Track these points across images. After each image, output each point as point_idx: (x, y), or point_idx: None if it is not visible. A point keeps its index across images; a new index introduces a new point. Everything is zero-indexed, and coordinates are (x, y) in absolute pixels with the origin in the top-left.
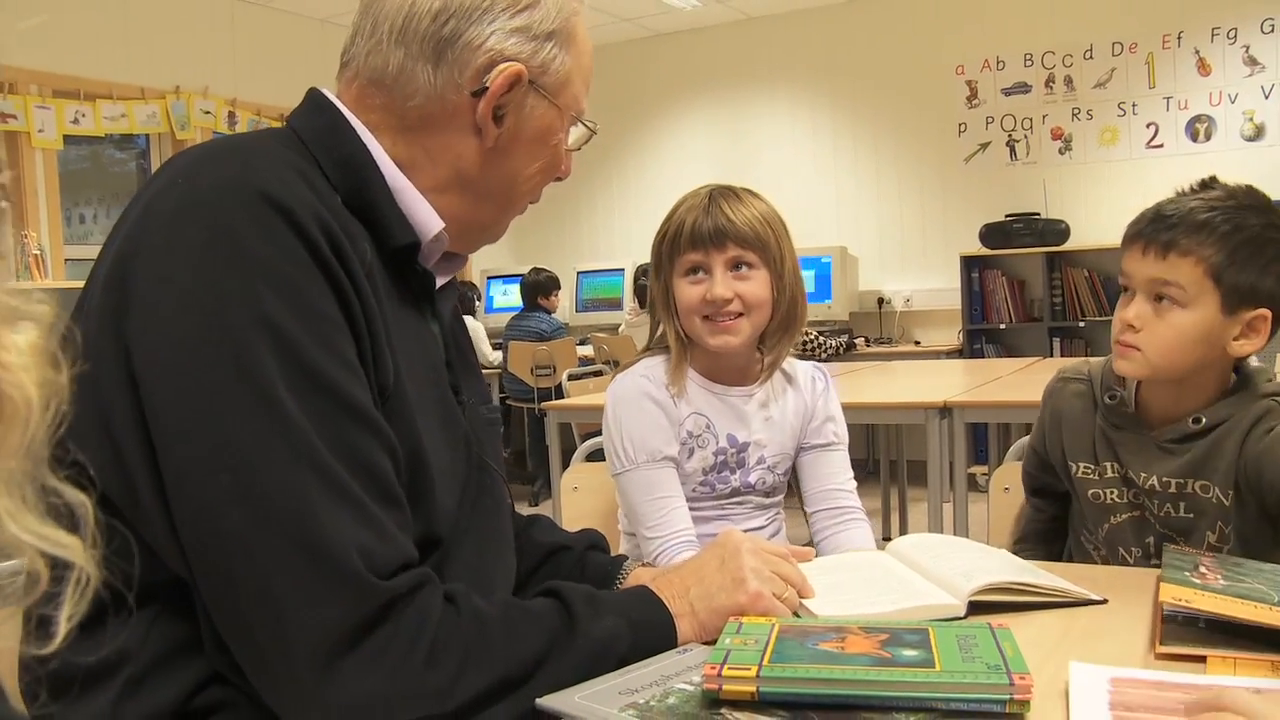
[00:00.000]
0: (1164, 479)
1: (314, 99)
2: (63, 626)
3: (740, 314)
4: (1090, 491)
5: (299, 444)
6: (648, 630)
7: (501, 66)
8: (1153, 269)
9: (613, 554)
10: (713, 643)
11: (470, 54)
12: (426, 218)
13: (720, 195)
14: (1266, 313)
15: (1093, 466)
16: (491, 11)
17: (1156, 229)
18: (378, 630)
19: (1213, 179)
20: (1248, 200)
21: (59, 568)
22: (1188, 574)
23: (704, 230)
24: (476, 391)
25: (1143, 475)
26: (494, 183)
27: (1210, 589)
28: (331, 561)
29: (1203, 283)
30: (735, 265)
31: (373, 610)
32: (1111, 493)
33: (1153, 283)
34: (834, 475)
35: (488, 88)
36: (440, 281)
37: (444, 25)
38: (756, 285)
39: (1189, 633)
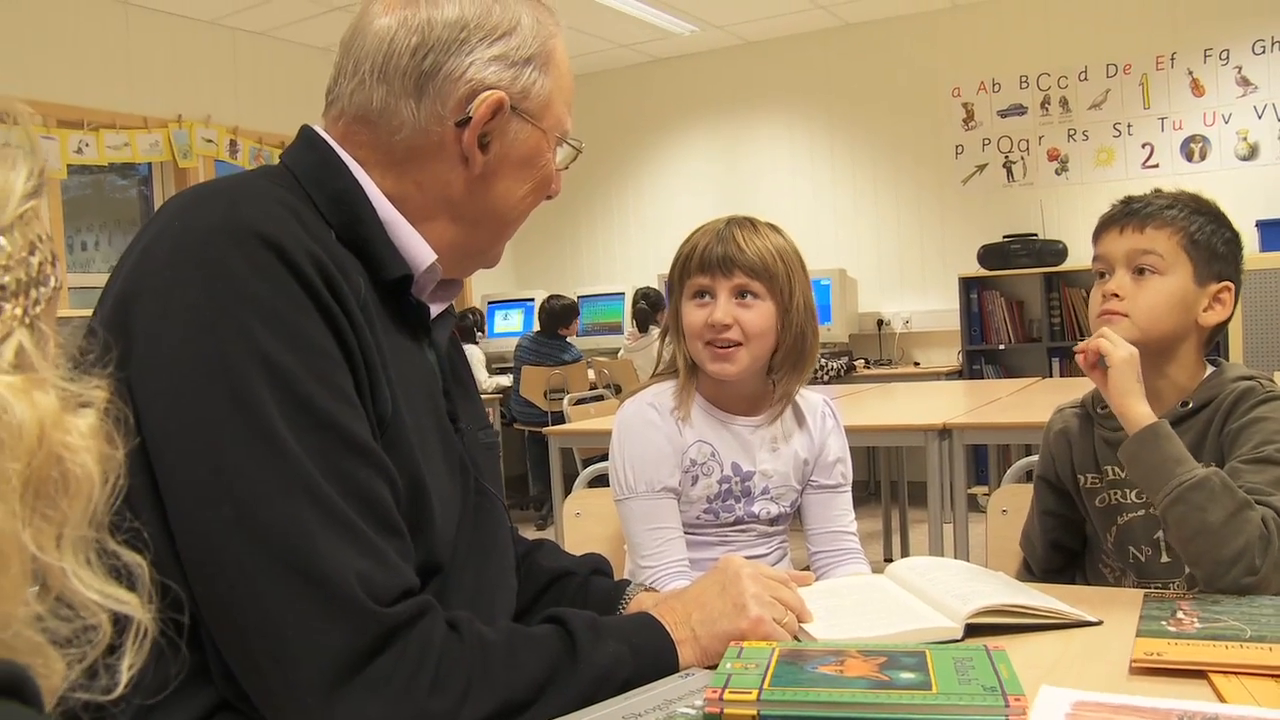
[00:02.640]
0: None
1: (306, 136)
2: (124, 674)
3: (739, 343)
4: (1098, 498)
5: (297, 476)
6: (650, 656)
7: (483, 95)
8: (1131, 242)
9: (617, 578)
10: (714, 667)
11: (451, 85)
12: (418, 249)
13: (736, 224)
14: (1230, 284)
15: (1097, 475)
16: (469, 43)
17: (1131, 211)
18: (380, 657)
19: (1159, 190)
20: (1194, 203)
21: (119, 622)
22: (1164, 623)
23: (713, 255)
24: (474, 417)
25: None
26: (484, 209)
27: (1185, 635)
28: (332, 590)
29: (1178, 252)
30: (740, 293)
31: (374, 637)
32: (1116, 493)
33: (1132, 254)
34: (839, 517)
35: (471, 117)
36: (437, 309)
37: (423, 60)
38: (758, 315)
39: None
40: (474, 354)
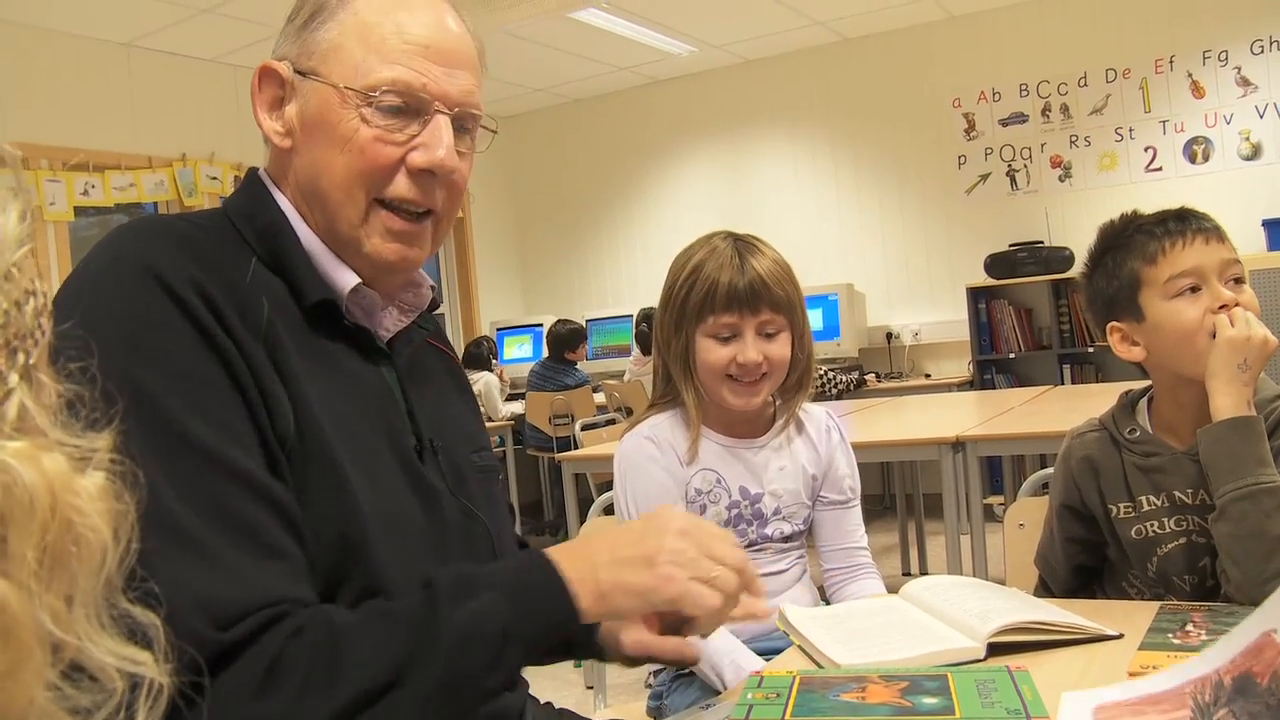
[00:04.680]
0: None
1: (247, 177)
2: None
3: (765, 374)
4: (1133, 529)
5: (149, 501)
6: (532, 596)
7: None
8: (1221, 253)
9: None
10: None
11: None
12: (341, 275)
13: (745, 250)
14: None
15: (1130, 504)
16: (282, 32)
17: (1201, 221)
18: (217, 679)
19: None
20: None
21: (134, 683)
22: (1170, 635)
23: (739, 292)
24: (463, 438)
25: (1189, 492)
26: (306, 184)
27: (1188, 648)
28: (169, 617)
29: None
30: (764, 328)
31: (208, 661)
32: (1153, 525)
33: (1227, 265)
34: (851, 533)
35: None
36: (396, 328)
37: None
38: (781, 347)
39: None
40: (491, 382)
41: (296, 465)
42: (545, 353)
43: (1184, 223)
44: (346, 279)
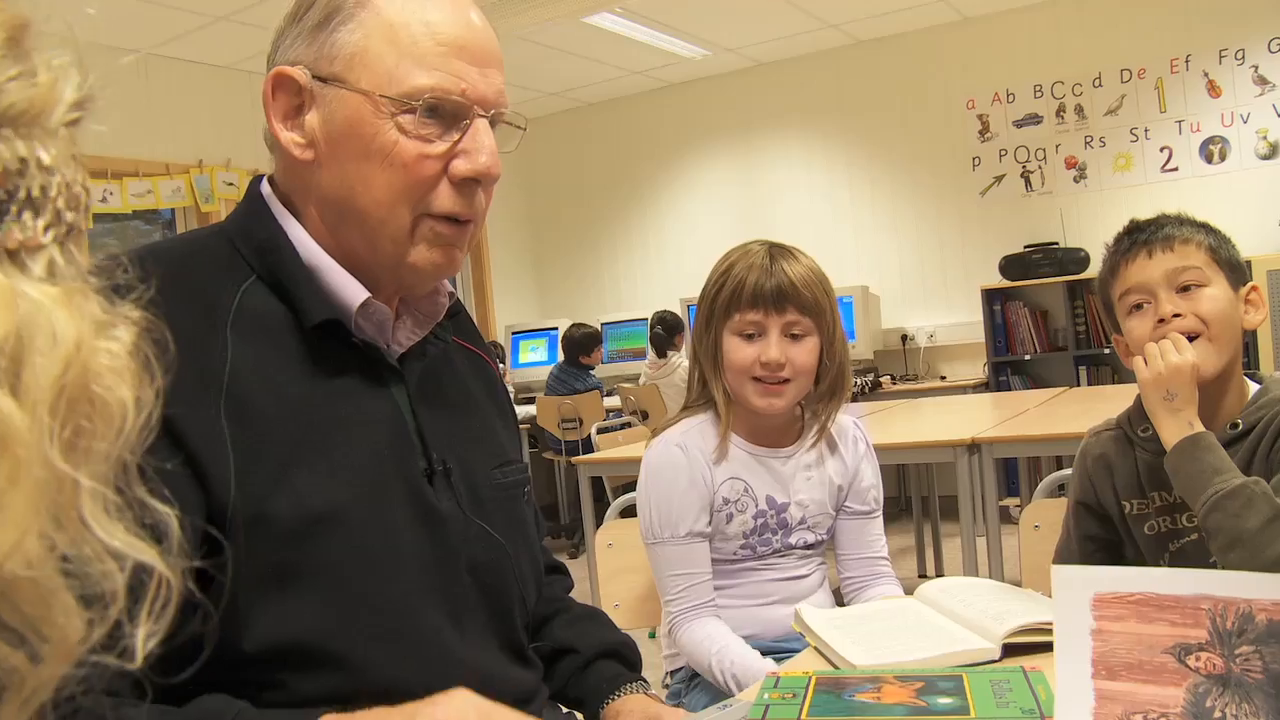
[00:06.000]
0: None
1: (247, 190)
2: (140, 646)
3: (788, 379)
4: (1146, 526)
5: None
6: None
7: (269, 75)
8: (1167, 262)
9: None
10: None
11: (269, 81)
12: (349, 291)
13: (779, 254)
14: (1258, 284)
15: (1143, 501)
16: (286, 32)
17: (1150, 234)
18: None
19: (1163, 214)
20: (1192, 219)
21: (140, 584)
22: None
23: (765, 291)
24: (480, 453)
25: None
26: (339, 200)
27: None
28: None
29: (1210, 263)
30: (789, 329)
31: None
32: (1164, 520)
33: (1173, 273)
34: (872, 543)
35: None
36: (411, 341)
37: (268, 67)
38: (806, 351)
39: None
40: None
41: (244, 493)
42: (560, 357)
43: (1131, 238)
44: (355, 293)
